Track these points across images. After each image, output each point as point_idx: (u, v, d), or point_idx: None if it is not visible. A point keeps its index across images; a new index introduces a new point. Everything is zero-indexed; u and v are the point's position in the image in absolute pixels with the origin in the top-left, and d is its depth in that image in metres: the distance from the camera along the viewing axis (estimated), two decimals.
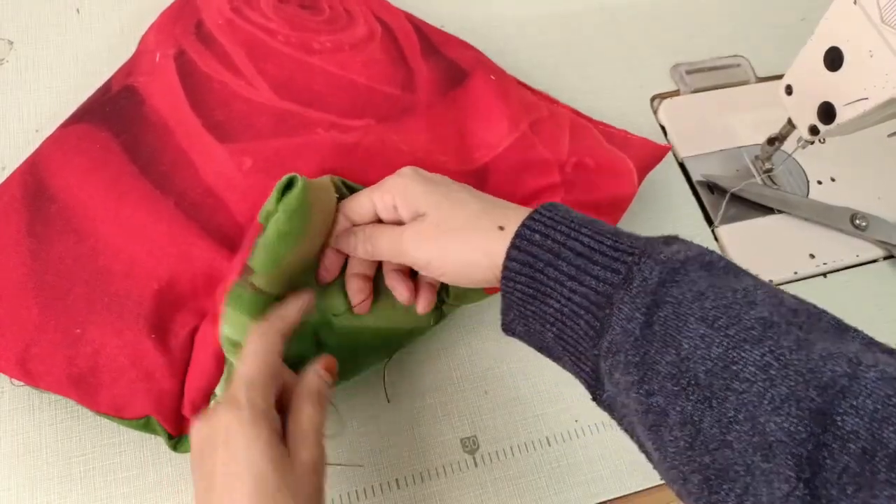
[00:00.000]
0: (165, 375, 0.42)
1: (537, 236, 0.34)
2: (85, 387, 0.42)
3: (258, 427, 0.34)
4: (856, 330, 0.30)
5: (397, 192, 0.38)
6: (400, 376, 0.50)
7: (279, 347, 0.38)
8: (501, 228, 0.35)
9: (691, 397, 0.28)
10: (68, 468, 0.44)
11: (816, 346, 0.27)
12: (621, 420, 0.34)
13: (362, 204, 0.40)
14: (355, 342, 0.44)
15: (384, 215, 0.40)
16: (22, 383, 0.43)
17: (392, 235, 0.39)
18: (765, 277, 0.58)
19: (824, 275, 0.61)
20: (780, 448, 0.26)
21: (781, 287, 0.58)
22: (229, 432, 0.34)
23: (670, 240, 0.33)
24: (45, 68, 0.57)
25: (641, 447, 0.33)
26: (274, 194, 0.39)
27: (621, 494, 0.49)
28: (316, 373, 0.39)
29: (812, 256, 0.61)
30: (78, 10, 0.60)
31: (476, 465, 0.48)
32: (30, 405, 0.46)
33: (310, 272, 0.43)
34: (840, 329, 0.30)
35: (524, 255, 0.34)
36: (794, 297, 0.31)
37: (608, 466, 0.50)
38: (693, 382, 0.28)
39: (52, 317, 0.42)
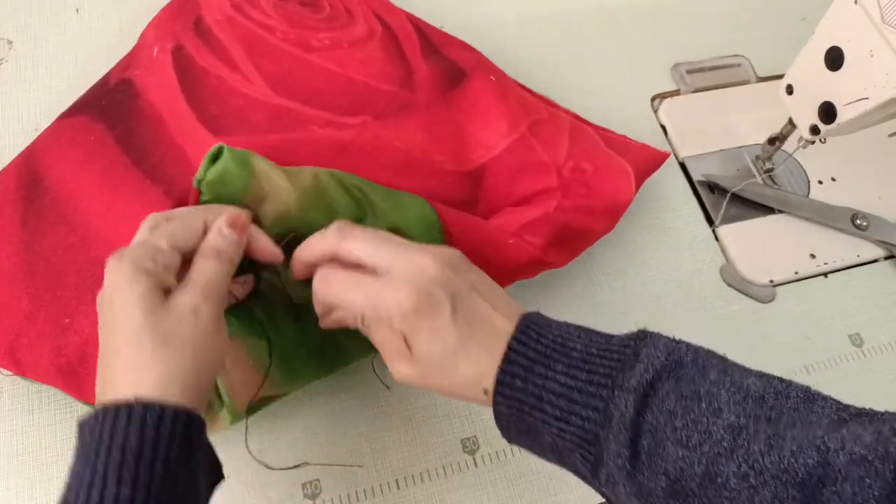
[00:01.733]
0: None
1: (518, 382, 0.35)
2: (72, 377, 0.42)
3: (135, 280, 0.34)
4: (824, 398, 0.31)
5: (396, 327, 0.36)
6: None
7: (192, 230, 0.37)
8: (486, 392, 0.36)
9: None
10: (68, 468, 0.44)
11: (787, 441, 0.29)
12: None
13: (349, 305, 0.38)
14: (338, 329, 0.44)
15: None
16: (10, 373, 0.43)
17: (388, 345, 0.38)
18: (765, 278, 0.59)
19: (825, 275, 0.61)
20: None
21: (783, 286, 0.59)
22: (112, 289, 0.35)
23: (639, 345, 0.34)
24: (45, 68, 0.57)
25: None
26: (203, 163, 0.40)
27: None
28: (218, 229, 0.38)
29: (813, 256, 0.61)
30: (77, 10, 0.60)
31: (476, 465, 0.48)
32: (29, 405, 0.46)
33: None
34: (808, 401, 0.31)
35: (509, 401, 0.35)
36: (759, 376, 0.33)
37: None
38: (691, 495, 0.31)
39: (42, 307, 0.42)
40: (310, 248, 0.40)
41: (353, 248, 0.38)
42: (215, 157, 0.41)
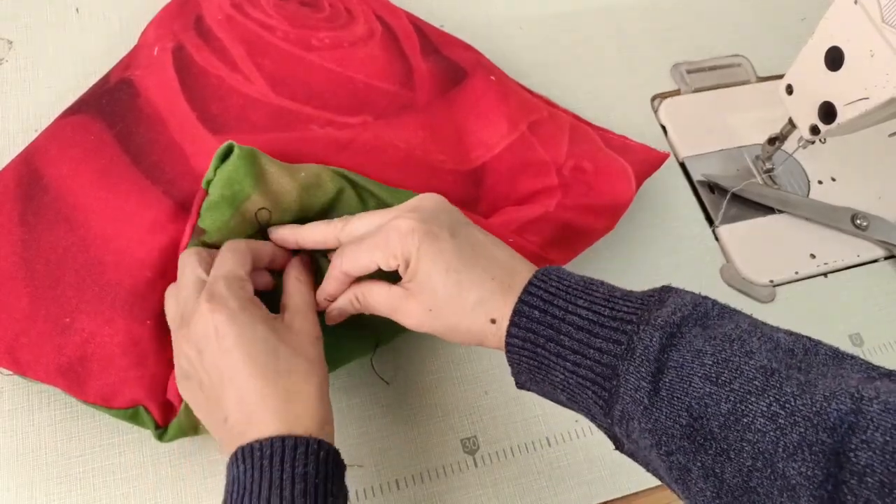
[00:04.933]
0: (159, 361, 0.42)
1: (536, 312, 0.34)
2: (73, 376, 0.42)
3: (250, 309, 0.36)
4: (853, 357, 0.31)
5: (399, 254, 0.37)
6: (400, 376, 0.50)
7: (249, 258, 0.39)
8: (493, 322, 0.36)
9: (709, 452, 0.30)
10: (68, 468, 0.44)
11: (819, 387, 0.28)
12: (646, 467, 0.35)
13: (364, 264, 0.39)
14: (338, 328, 0.44)
15: (386, 270, 0.39)
16: (10, 372, 0.43)
17: (387, 299, 0.39)
18: (765, 278, 0.59)
19: (825, 275, 0.61)
20: (802, 490, 0.27)
21: (783, 286, 0.59)
22: (221, 323, 0.35)
23: (664, 295, 0.34)
24: (45, 68, 0.57)
25: (671, 489, 0.34)
26: (213, 162, 0.41)
27: (621, 495, 0.49)
28: (300, 258, 0.42)
29: (813, 256, 0.61)
30: (77, 10, 0.60)
31: (476, 465, 0.48)
32: (29, 405, 0.46)
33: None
34: (838, 359, 0.30)
35: (524, 332, 0.34)
36: (789, 333, 0.32)
37: (608, 467, 0.50)
38: (709, 438, 0.30)
39: (41, 306, 0.42)
40: (318, 230, 0.42)
41: (356, 226, 0.40)
42: (224, 157, 0.41)
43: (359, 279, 0.41)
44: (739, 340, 0.31)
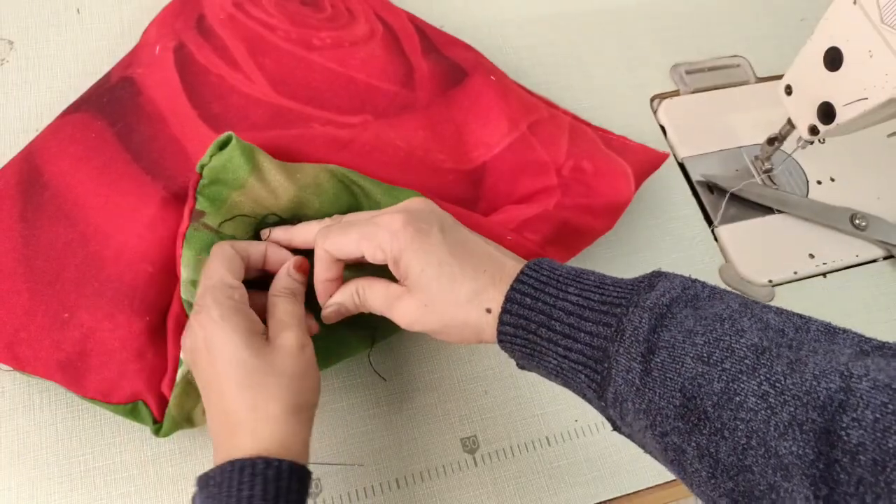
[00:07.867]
0: (158, 355, 0.42)
1: (528, 299, 0.35)
2: (72, 371, 0.42)
3: (232, 321, 0.36)
4: (845, 331, 0.31)
5: (388, 251, 0.38)
6: (399, 376, 0.50)
7: (239, 261, 0.40)
8: (489, 311, 0.36)
9: (704, 431, 0.30)
10: (68, 468, 0.44)
11: (809, 365, 0.28)
12: (643, 448, 0.35)
13: (348, 250, 0.39)
14: (335, 325, 0.44)
15: (371, 262, 0.39)
16: (10, 368, 0.43)
17: (384, 296, 0.39)
18: (764, 278, 0.59)
19: (824, 275, 0.61)
20: (794, 469, 0.27)
21: (782, 286, 0.59)
22: (207, 335, 0.36)
23: (654, 279, 0.34)
24: (46, 68, 0.57)
25: (668, 469, 0.34)
26: (210, 149, 0.41)
27: (621, 494, 0.49)
28: (287, 272, 0.41)
29: (812, 256, 0.61)
30: (78, 10, 0.60)
31: (476, 464, 0.49)
32: (30, 405, 0.46)
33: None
34: (830, 333, 0.31)
35: (516, 319, 0.35)
36: (778, 312, 0.32)
37: (608, 466, 0.50)
38: (703, 417, 0.30)
39: (41, 302, 0.43)
40: (310, 228, 0.42)
41: (348, 220, 0.41)
42: (223, 145, 0.41)
43: (351, 267, 0.41)
44: (730, 320, 0.31)
